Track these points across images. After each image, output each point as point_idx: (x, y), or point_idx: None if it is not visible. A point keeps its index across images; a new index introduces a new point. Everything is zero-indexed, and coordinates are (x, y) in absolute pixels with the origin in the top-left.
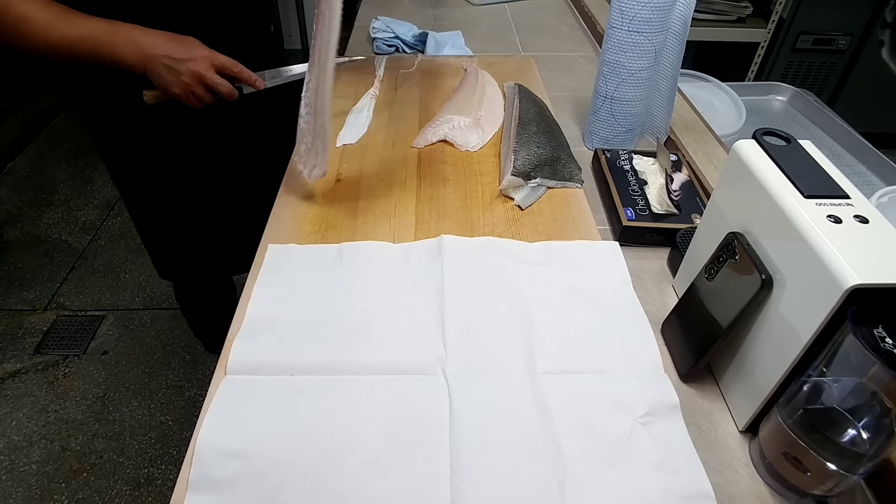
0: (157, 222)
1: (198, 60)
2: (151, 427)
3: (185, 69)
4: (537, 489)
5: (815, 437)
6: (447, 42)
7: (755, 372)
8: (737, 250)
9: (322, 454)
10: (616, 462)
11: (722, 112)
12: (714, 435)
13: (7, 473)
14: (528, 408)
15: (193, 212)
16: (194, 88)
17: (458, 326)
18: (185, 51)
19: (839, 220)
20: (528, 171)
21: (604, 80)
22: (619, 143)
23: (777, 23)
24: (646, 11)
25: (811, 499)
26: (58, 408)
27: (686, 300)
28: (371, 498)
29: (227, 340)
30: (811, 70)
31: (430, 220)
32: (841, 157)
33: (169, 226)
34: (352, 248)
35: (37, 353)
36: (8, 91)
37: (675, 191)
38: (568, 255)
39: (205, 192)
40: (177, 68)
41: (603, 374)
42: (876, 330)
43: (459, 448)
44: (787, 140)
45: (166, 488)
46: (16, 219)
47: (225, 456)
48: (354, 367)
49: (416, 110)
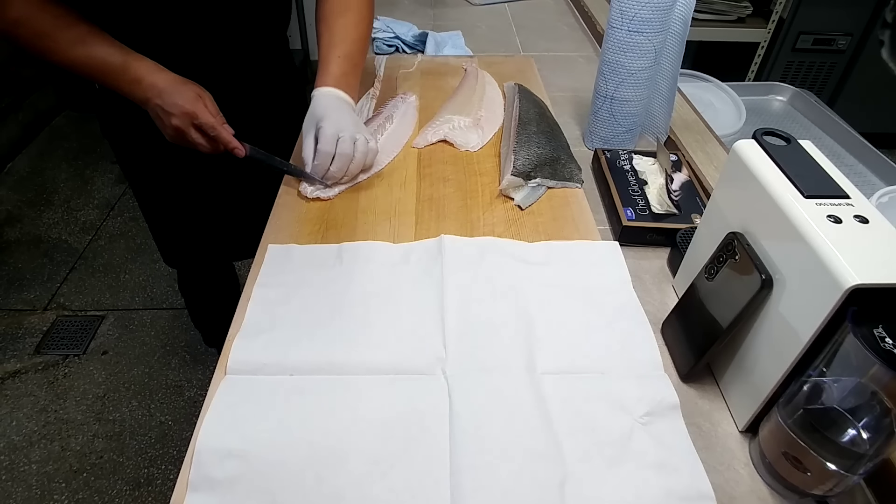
0: (165, 209)
1: (179, 116)
2: (151, 427)
3: (168, 122)
4: (537, 489)
5: (815, 437)
6: (447, 42)
7: (755, 372)
8: (737, 250)
9: (322, 454)
10: (616, 462)
11: (722, 112)
12: (714, 435)
13: (7, 473)
14: (528, 408)
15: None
16: (180, 141)
17: (458, 326)
18: (173, 103)
19: (839, 220)
20: (528, 171)
21: (604, 80)
22: (619, 143)
23: (777, 23)
24: (646, 11)
25: (811, 499)
26: (58, 408)
27: (686, 300)
28: (371, 498)
29: (228, 340)
30: (811, 70)
31: (430, 220)
32: (841, 157)
33: (176, 212)
34: (352, 248)
35: (37, 353)
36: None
37: (675, 191)
38: (568, 255)
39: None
40: (163, 118)
41: (603, 374)
42: (876, 330)
43: (459, 448)
44: (787, 140)
45: (166, 488)
46: (16, 219)
47: (225, 456)
48: (354, 367)
49: (417, 110)
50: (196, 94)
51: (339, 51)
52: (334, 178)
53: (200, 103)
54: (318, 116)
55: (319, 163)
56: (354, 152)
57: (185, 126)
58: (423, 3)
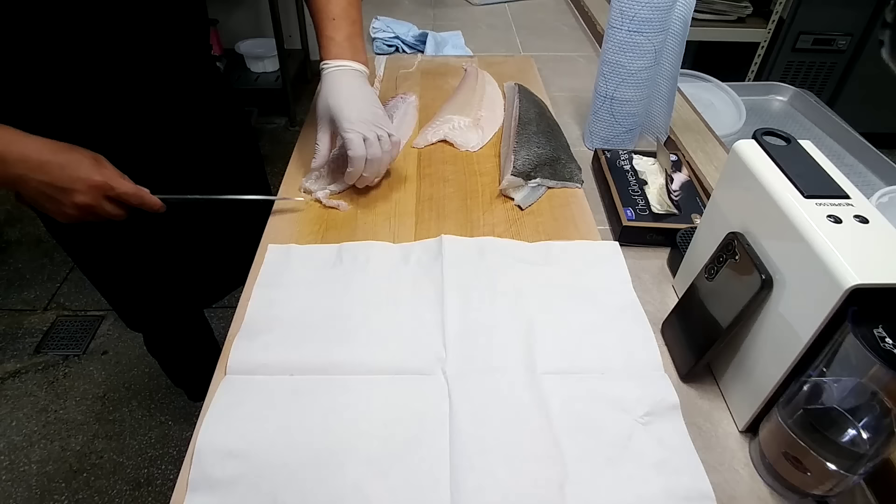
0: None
1: (84, 192)
2: (151, 427)
3: (68, 201)
4: (537, 489)
5: (815, 437)
6: (447, 42)
7: (755, 372)
8: (737, 250)
9: (322, 454)
10: (616, 462)
11: (722, 112)
12: (714, 435)
13: (7, 473)
14: (528, 408)
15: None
16: (83, 219)
17: (458, 326)
18: (67, 178)
19: (839, 220)
20: (528, 171)
21: (604, 80)
22: (619, 143)
23: (777, 23)
24: (646, 11)
25: (811, 499)
26: (58, 408)
27: (686, 300)
28: (371, 498)
29: (227, 340)
30: (811, 70)
31: (430, 220)
32: (841, 157)
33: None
34: (352, 248)
35: (37, 353)
36: None
37: (675, 191)
38: (568, 255)
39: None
40: (58, 198)
41: (603, 374)
42: (876, 330)
43: (459, 448)
44: (787, 140)
45: (166, 488)
46: (16, 219)
47: (225, 456)
48: (354, 367)
49: (416, 110)
50: (93, 159)
51: (330, 11)
52: (367, 182)
53: (107, 170)
54: (335, 107)
55: (354, 168)
56: (383, 154)
57: (96, 201)
58: (423, 3)
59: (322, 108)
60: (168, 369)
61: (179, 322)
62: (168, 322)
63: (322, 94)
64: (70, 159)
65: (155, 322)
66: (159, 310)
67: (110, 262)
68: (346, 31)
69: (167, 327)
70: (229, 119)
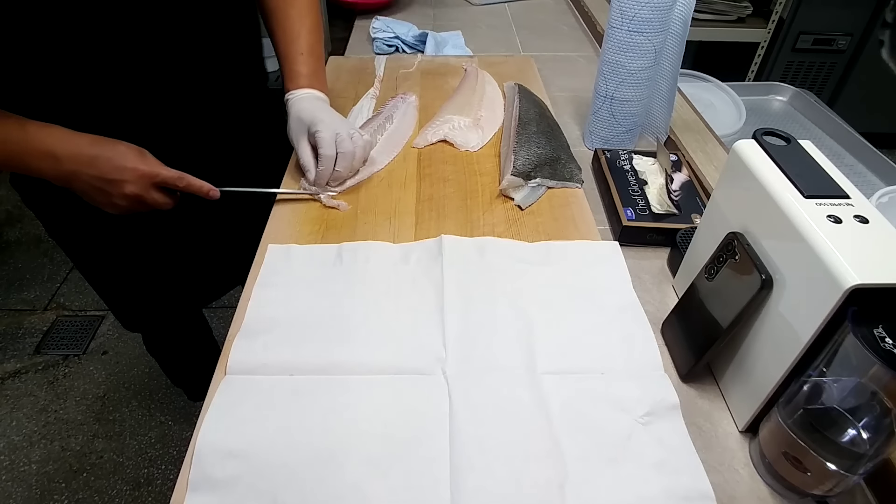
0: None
1: (133, 181)
2: (151, 427)
3: (117, 192)
4: (537, 489)
5: (815, 437)
6: (447, 42)
7: (755, 372)
8: (737, 250)
9: (322, 454)
10: (616, 462)
11: (722, 112)
12: (714, 435)
13: (7, 473)
14: (529, 408)
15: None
16: (132, 209)
17: (457, 326)
18: (116, 168)
19: (839, 220)
20: (528, 171)
21: (604, 80)
22: (619, 143)
23: (777, 23)
24: (646, 11)
25: (811, 499)
26: (58, 408)
27: (686, 300)
28: (371, 498)
29: (227, 340)
30: (811, 70)
31: (430, 220)
32: (841, 157)
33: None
34: (352, 248)
35: (37, 353)
36: None
37: (675, 191)
38: (568, 256)
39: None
40: (108, 190)
41: (603, 374)
42: (876, 330)
43: (459, 448)
44: (787, 140)
45: (166, 488)
46: (16, 219)
47: (225, 456)
48: (354, 367)
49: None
50: (138, 151)
51: (299, 46)
52: (341, 177)
53: (150, 158)
54: (308, 121)
55: (324, 167)
56: (355, 149)
57: (144, 190)
58: (423, 3)
59: (295, 126)
60: (167, 369)
61: (178, 322)
62: (167, 321)
63: (292, 115)
64: (116, 152)
65: (154, 321)
66: (158, 309)
67: (109, 261)
68: (313, 66)
69: (166, 327)
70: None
